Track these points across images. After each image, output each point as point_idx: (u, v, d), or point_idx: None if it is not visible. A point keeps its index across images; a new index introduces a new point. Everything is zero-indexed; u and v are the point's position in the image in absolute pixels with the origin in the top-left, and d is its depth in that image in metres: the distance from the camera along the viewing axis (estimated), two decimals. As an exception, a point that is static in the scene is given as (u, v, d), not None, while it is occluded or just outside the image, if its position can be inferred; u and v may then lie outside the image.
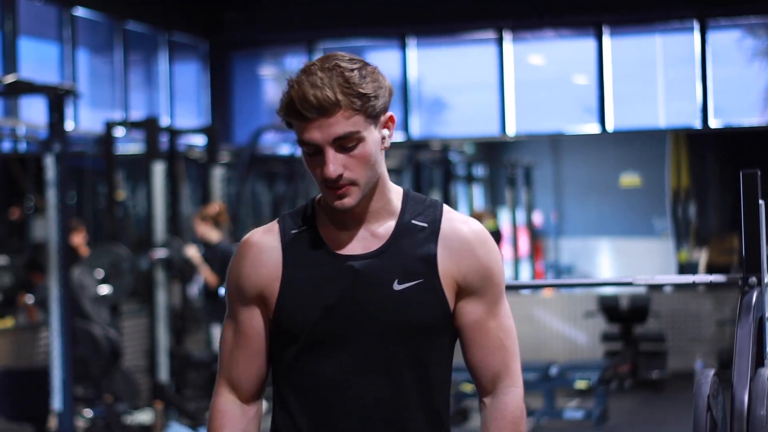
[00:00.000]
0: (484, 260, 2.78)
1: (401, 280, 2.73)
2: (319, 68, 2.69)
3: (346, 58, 2.71)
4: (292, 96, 2.68)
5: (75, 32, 12.56)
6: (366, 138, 2.69)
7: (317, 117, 2.66)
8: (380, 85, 2.72)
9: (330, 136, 2.66)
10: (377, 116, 2.72)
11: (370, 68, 2.72)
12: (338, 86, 2.66)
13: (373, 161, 2.71)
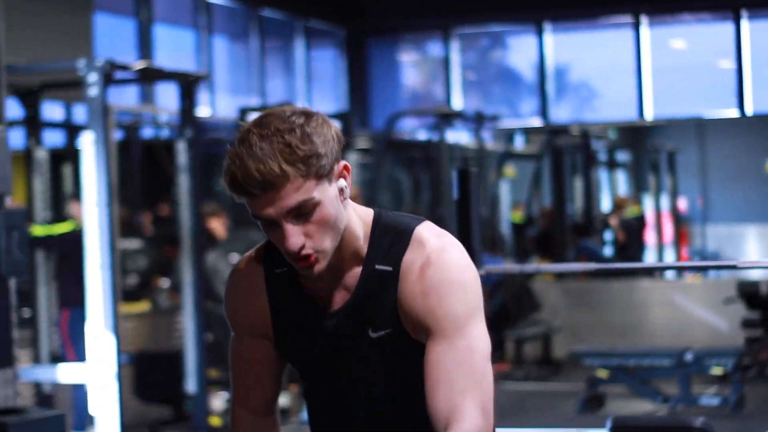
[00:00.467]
0: (432, 302, 2.57)
1: (374, 329, 2.65)
2: (257, 136, 2.49)
3: (283, 117, 2.52)
4: (234, 172, 2.50)
5: (211, 19, 12.70)
6: (322, 201, 2.53)
7: (265, 192, 2.50)
8: (325, 139, 2.53)
9: (282, 209, 2.51)
10: (329, 173, 2.55)
11: (312, 122, 2.53)
12: (280, 155, 2.48)
13: (334, 221, 2.56)
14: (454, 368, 2.53)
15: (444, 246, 2.60)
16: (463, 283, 2.57)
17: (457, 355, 2.54)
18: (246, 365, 2.81)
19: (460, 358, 2.54)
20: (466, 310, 2.57)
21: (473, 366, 2.54)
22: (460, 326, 2.55)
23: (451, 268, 2.58)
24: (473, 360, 2.54)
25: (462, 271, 2.59)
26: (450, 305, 2.56)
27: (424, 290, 2.58)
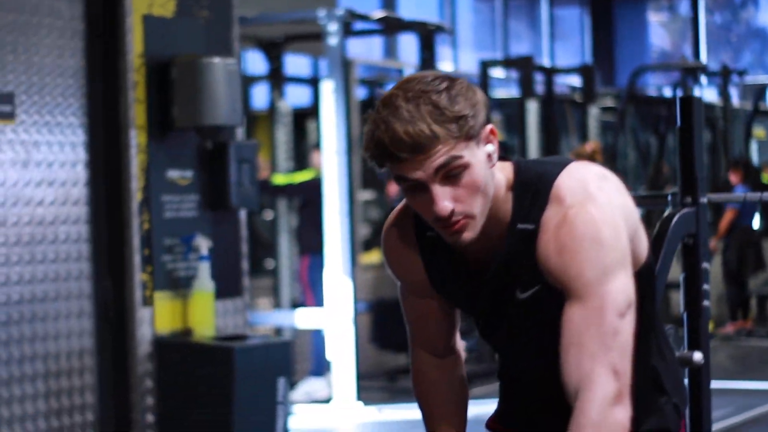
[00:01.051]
0: (565, 261, 2.46)
1: (522, 290, 2.57)
2: (402, 98, 2.40)
3: (428, 80, 2.43)
4: (380, 137, 2.41)
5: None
6: (471, 162, 2.44)
7: (414, 155, 2.41)
8: (474, 101, 2.43)
9: (431, 169, 2.42)
10: (478, 135, 2.45)
11: (458, 85, 2.44)
12: (429, 116, 2.39)
13: (484, 185, 2.47)
14: (585, 329, 2.43)
15: (584, 200, 2.49)
16: (598, 240, 2.45)
17: (588, 316, 2.43)
18: (417, 318, 2.76)
19: (590, 318, 2.43)
20: (601, 269, 2.45)
21: (604, 327, 2.42)
22: (594, 285, 2.44)
23: (585, 225, 2.46)
24: (604, 320, 2.43)
25: (598, 227, 2.46)
26: (582, 264, 2.45)
27: (557, 249, 2.47)
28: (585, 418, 2.39)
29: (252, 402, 5.66)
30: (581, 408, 2.40)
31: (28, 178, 5.45)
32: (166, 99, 5.71)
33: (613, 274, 2.45)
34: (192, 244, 5.80)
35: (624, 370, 2.43)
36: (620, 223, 2.49)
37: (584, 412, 2.39)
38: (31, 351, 5.46)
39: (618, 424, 2.39)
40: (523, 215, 2.52)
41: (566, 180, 2.51)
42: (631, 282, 2.48)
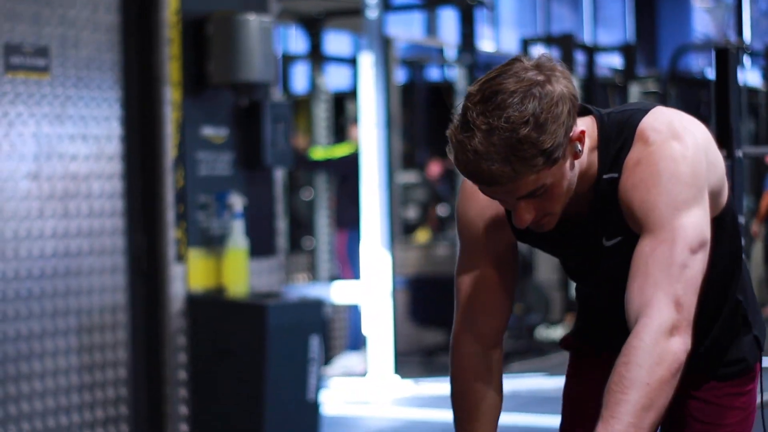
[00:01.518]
0: (641, 196, 2.45)
1: (608, 238, 2.56)
2: (483, 125, 2.30)
3: (512, 99, 2.30)
4: (464, 167, 2.35)
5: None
6: (557, 180, 2.39)
7: (494, 187, 2.36)
8: (560, 120, 2.33)
9: (514, 196, 2.39)
10: (565, 152, 2.38)
11: (546, 99, 2.32)
12: (512, 154, 2.30)
13: (567, 190, 2.44)
14: (652, 260, 2.41)
15: (668, 137, 2.46)
16: (675, 174, 2.43)
17: (657, 247, 2.42)
18: (475, 288, 2.68)
19: (659, 250, 2.41)
20: (675, 203, 2.42)
21: (672, 258, 2.41)
22: (666, 218, 2.42)
23: (663, 159, 2.44)
24: (674, 252, 2.41)
25: (677, 161, 2.44)
26: (657, 197, 2.43)
27: (635, 184, 2.46)
28: (638, 341, 2.37)
29: (284, 359, 5.65)
30: (637, 331, 2.38)
31: (63, 132, 5.46)
32: (201, 55, 5.71)
33: (688, 210, 2.43)
34: (226, 201, 5.79)
35: (687, 304, 2.41)
36: (702, 163, 2.47)
37: (639, 335, 2.38)
38: (65, 306, 5.47)
39: (671, 353, 2.37)
40: (608, 165, 2.50)
41: (651, 121, 2.50)
42: (706, 221, 2.46)
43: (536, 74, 2.33)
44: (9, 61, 5.23)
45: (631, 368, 2.34)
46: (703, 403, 2.71)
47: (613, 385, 2.35)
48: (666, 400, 2.37)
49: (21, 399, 5.31)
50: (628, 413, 2.32)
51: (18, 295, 5.30)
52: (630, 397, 2.33)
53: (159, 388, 5.74)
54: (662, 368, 2.35)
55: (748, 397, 2.74)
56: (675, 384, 2.38)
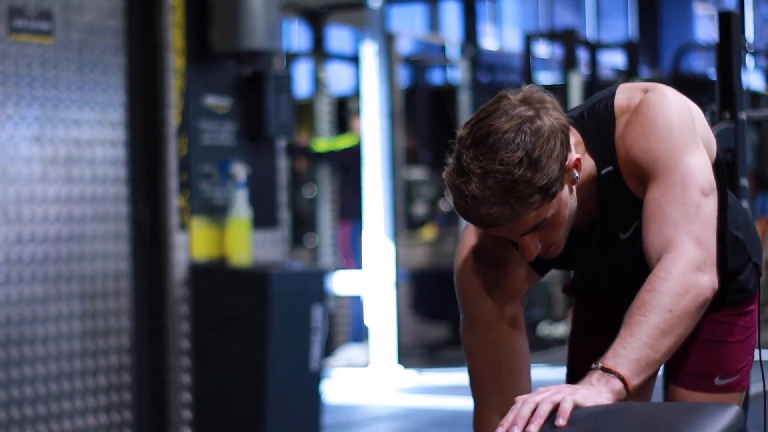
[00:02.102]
0: (640, 150, 2.48)
1: (624, 231, 2.59)
2: (479, 167, 2.31)
3: (504, 141, 2.31)
4: (463, 211, 2.37)
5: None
6: (557, 211, 2.41)
7: (495, 228, 2.39)
8: (553, 155, 2.35)
9: (517, 233, 2.41)
10: (562, 185, 2.40)
11: (538, 134, 2.34)
12: (510, 195, 2.32)
13: (569, 215, 2.45)
14: (666, 203, 2.43)
15: (645, 95, 2.50)
16: (666, 120, 2.46)
17: (669, 191, 2.44)
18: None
19: (672, 192, 2.43)
20: (677, 147, 2.45)
21: (686, 199, 2.43)
22: (671, 163, 2.45)
23: (650, 109, 2.47)
24: (686, 192, 2.43)
25: (664, 107, 2.47)
26: (658, 144, 2.46)
27: (629, 144, 2.49)
28: (665, 272, 2.38)
29: (287, 329, 5.64)
30: (663, 265, 2.39)
31: (65, 97, 5.46)
32: (204, 23, 5.72)
33: (691, 153, 2.46)
34: (229, 171, 5.79)
35: (708, 242, 2.42)
36: (686, 109, 2.50)
37: (665, 267, 2.38)
38: (68, 271, 5.46)
39: (698, 286, 2.37)
40: (602, 160, 2.52)
41: (622, 96, 2.53)
42: (708, 164, 2.49)
43: (525, 110, 2.35)
44: (12, 24, 5.23)
45: (654, 295, 2.35)
46: (713, 324, 2.72)
47: (635, 309, 2.36)
48: (686, 330, 2.37)
49: (24, 362, 5.30)
50: (646, 333, 2.33)
51: (21, 258, 5.29)
52: (650, 320, 2.33)
53: (162, 356, 5.73)
54: (687, 299, 2.36)
55: (751, 316, 2.78)
56: (697, 318, 2.39)
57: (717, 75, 4.87)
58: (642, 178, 2.49)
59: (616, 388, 2.31)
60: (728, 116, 4.68)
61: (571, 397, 2.28)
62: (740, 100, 4.88)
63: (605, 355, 2.34)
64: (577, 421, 2.30)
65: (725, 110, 4.71)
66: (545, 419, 2.28)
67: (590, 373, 2.35)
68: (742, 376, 2.77)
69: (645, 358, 2.32)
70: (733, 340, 2.75)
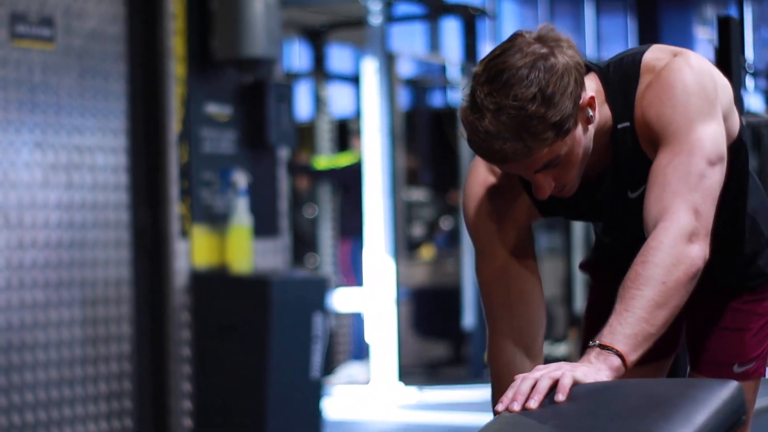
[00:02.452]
0: (654, 113, 2.46)
1: (632, 190, 2.58)
2: (491, 105, 2.31)
3: (518, 77, 2.31)
4: (477, 147, 2.37)
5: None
6: (571, 149, 2.41)
7: (509, 164, 2.39)
8: (567, 91, 2.35)
9: (530, 171, 2.41)
10: (576, 122, 2.39)
11: (552, 71, 2.33)
12: (523, 131, 2.32)
13: (583, 155, 2.45)
14: (671, 171, 2.43)
15: (672, 58, 2.49)
16: (686, 86, 2.45)
17: (674, 159, 2.43)
18: (505, 290, 2.69)
19: (677, 161, 2.43)
20: (691, 115, 2.44)
21: (689, 168, 2.42)
22: (683, 130, 2.44)
23: (672, 73, 2.46)
24: (691, 162, 2.43)
25: (685, 74, 2.46)
26: (673, 110, 2.45)
27: (646, 106, 2.48)
28: (657, 242, 2.38)
29: (288, 336, 5.64)
30: (656, 234, 2.39)
31: (67, 103, 5.47)
32: (205, 31, 5.74)
33: (704, 122, 2.45)
34: (230, 179, 5.80)
35: (705, 213, 2.42)
36: (710, 77, 2.49)
37: (658, 237, 2.39)
38: (69, 277, 5.46)
39: (689, 257, 2.37)
40: (620, 114, 2.52)
41: (652, 55, 2.53)
42: (723, 136, 2.48)
43: (539, 47, 2.34)
44: (14, 30, 5.25)
45: (648, 267, 2.35)
46: (732, 312, 2.74)
47: (629, 282, 2.36)
48: (680, 301, 2.37)
49: (24, 368, 5.29)
50: (641, 307, 2.33)
51: (22, 264, 5.30)
52: (644, 293, 2.33)
53: (162, 364, 5.72)
54: (679, 270, 2.36)
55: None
56: (690, 288, 2.39)
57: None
58: (654, 141, 2.48)
59: (614, 364, 2.31)
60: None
61: (570, 373, 2.28)
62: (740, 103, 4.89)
63: (602, 331, 2.34)
64: (577, 396, 2.30)
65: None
66: (545, 395, 2.28)
67: (588, 351, 2.35)
68: (759, 363, 2.77)
69: (641, 332, 2.32)
70: (751, 327, 2.75)
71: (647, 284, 2.34)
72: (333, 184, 9.82)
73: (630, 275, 2.37)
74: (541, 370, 2.31)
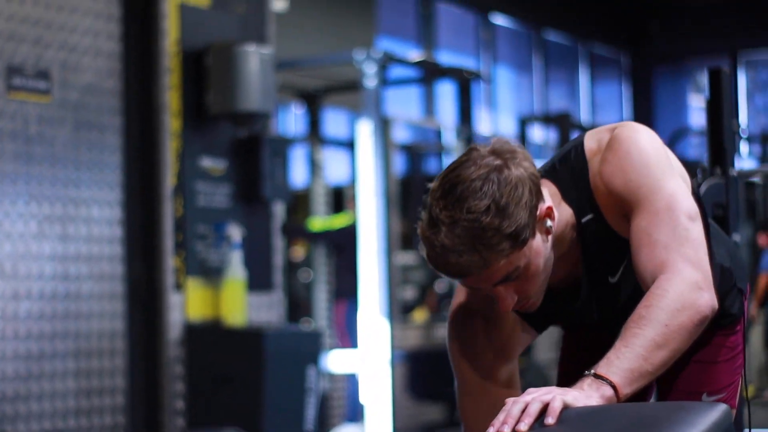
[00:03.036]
0: (619, 184, 2.47)
1: (612, 274, 2.59)
2: (447, 220, 2.32)
3: (471, 189, 2.32)
4: (435, 263, 2.37)
5: (495, 45, 12.84)
6: (530, 260, 2.39)
7: (467, 278, 2.38)
8: (521, 202, 2.34)
9: (490, 284, 2.39)
10: (533, 232, 2.38)
11: (504, 183, 2.33)
12: (478, 243, 2.32)
13: (543, 267, 2.44)
14: (654, 229, 2.43)
15: (614, 133, 2.51)
16: (640, 151, 2.46)
17: (655, 217, 2.43)
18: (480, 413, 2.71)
19: (657, 219, 2.43)
20: (654, 174, 2.45)
21: (672, 223, 2.43)
22: (654, 190, 2.45)
23: (624, 144, 2.47)
24: (672, 218, 2.43)
25: (637, 141, 2.47)
26: (636, 175, 2.45)
27: (608, 179, 2.48)
28: (662, 291, 2.37)
29: (282, 389, 5.63)
30: (658, 284, 2.38)
31: (62, 156, 5.50)
32: (200, 86, 5.78)
33: (671, 179, 2.46)
34: (224, 232, 5.81)
35: (702, 263, 2.42)
36: (658, 140, 2.51)
37: (662, 286, 2.38)
38: (64, 328, 5.47)
39: (696, 304, 2.38)
40: (581, 208, 2.52)
41: (590, 140, 2.55)
42: (689, 192, 2.49)
43: (494, 159, 2.35)
44: (11, 82, 5.30)
45: (651, 310, 2.35)
46: (702, 345, 2.71)
47: (631, 322, 2.36)
48: (682, 345, 2.37)
49: (18, 419, 5.28)
50: (641, 345, 2.33)
51: (16, 314, 5.30)
52: (646, 333, 2.33)
53: (156, 416, 5.70)
54: (684, 315, 2.36)
55: (736, 336, 2.77)
56: (694, 336, 2.39)
57: (707, 131, 4.91)
58: (625, 214, 2.48)
59: (606, 394, 2.31)
60: (719, 171, 4.71)
61: (561, 397, 2.28)
62: (731, 155, 4.92)
63: (598, 363, 2.34)
64: (566, 420, 2.30)
65: (716, 166, 4.74)
66: (535, 418, 2.28)
67: (582, 379, 2.34)
68: (729, 394, 2.76)
69: (638, 368, 2.32)
70: (720, 359, 2.75)
71: (649, 325, 2.34)
72: (328, 245, 9.83)
73: (633, 317, 2.36)
74: (531, 393, 2.31)
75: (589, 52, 14.48)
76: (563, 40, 14.13)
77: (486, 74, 9.97)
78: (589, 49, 14.48)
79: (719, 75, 4.99)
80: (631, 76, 15.30)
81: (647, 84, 15.33)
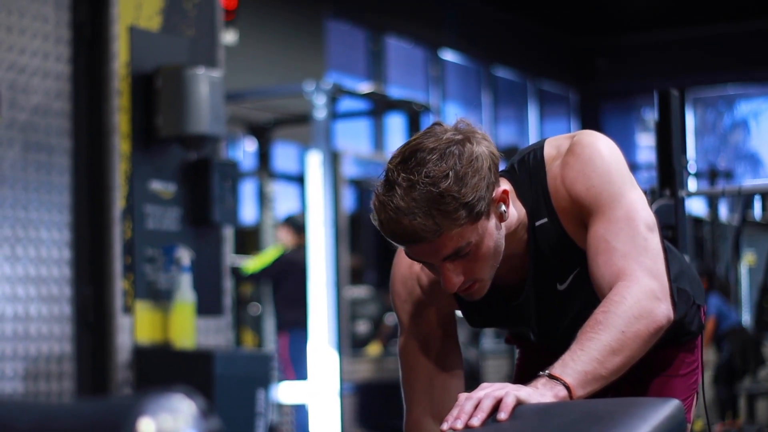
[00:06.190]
0: (579, 190, 2.48)
1: (561, 282, 2.59)
2: (404, 182, 2.31)
3: (431, 156, 2.32)
4: (386, 225, 2.35)
5: (443, 75, 12.91)
6: (481, 240, 2.40)
7: (418, 244, 2.37)
8: (481, 176, 2.34)
9: (439, 257, 2.39)
10: (488, 208, 2.39)
11: (465, 156, 2.33)
12: (434, 207, 2.31)
13: (493, 252, 2.44)
14: (612, 236, 2.44)
15: (573, 141, 2.54)
16: (603, 158, 2.49)
17: (614, 225, 2.45)
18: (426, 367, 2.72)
19: (617, 227, 2.45)
20: (616, 182, 2.48)
21: (631, 232, 2.44)
22: (615, 197, 2.47)
23: (586, 150, 2.50)
24: (632, 226, 2.45)
25: (599, 148, 2.50)
26: (598, 181, 2.47)
27: (570, 183, 2.51)
28: (620, 297, 2.38)
29: (231, 412, 5.59)
30: (616, 291, 2.39)
31: (9, 176, 5.47)
32: (150, 108, 5.77)
33: (631, 188, 2.49)
34: (174, 255, 5.79)
35: (659, 273, 2.43)
36: (617, 149, 2.54)
37: (620, 293, 2.39)
38: (12, 350, 5.41)
39: (653, 314, 2.39)
40: (536, 210, 2.54)
41: (549, 146, 2.58)
42: (648, 205, 2.51)
43: (454, 134, 2.38)
44: (-42, 103, 5.27)
45: (609, 316, 2.37)
46: (661, 360, 2.75)
47: (588, 327, 2.38)
48: (637, 353, 2.39)
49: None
50: (596, 349, 2.34)
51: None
52: (601, 337, 2.35)
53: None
54: (641, 323, 2.37)
55: (694, 353, 2.81)
56: (649, 344, 2.41)
57: (657, 153, 4.95)
58: (583, 219, 2.49)
59: (560, 394, 2.32)
60: (668, 193, 4.76)
61: (514, 393, 2.29)
62: (680, 177, 4.97)
63: (553, 364, 2.35)
64: (519, 415, 2.31)
65: (665, 188, 4.79)
66: (488, 414, 2.29)
67: (536, 379, 2.35)
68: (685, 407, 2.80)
69: (592, 372, 2.33)
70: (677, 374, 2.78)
71: (606, 330, 2.35)
72: (267, 282, 9.79)
73: (589, 322, 2.37)
74: (485, 389, 2.31)
75: (538, 88, 14.58)
76: (512, 77, 14.22)
77: (435, 107, 10.00)
78: (538, 86, 14.58)
79: (668, 97, 5.05)
80: (579, 112, 15.42)
81: (595, 120, 15.45)
